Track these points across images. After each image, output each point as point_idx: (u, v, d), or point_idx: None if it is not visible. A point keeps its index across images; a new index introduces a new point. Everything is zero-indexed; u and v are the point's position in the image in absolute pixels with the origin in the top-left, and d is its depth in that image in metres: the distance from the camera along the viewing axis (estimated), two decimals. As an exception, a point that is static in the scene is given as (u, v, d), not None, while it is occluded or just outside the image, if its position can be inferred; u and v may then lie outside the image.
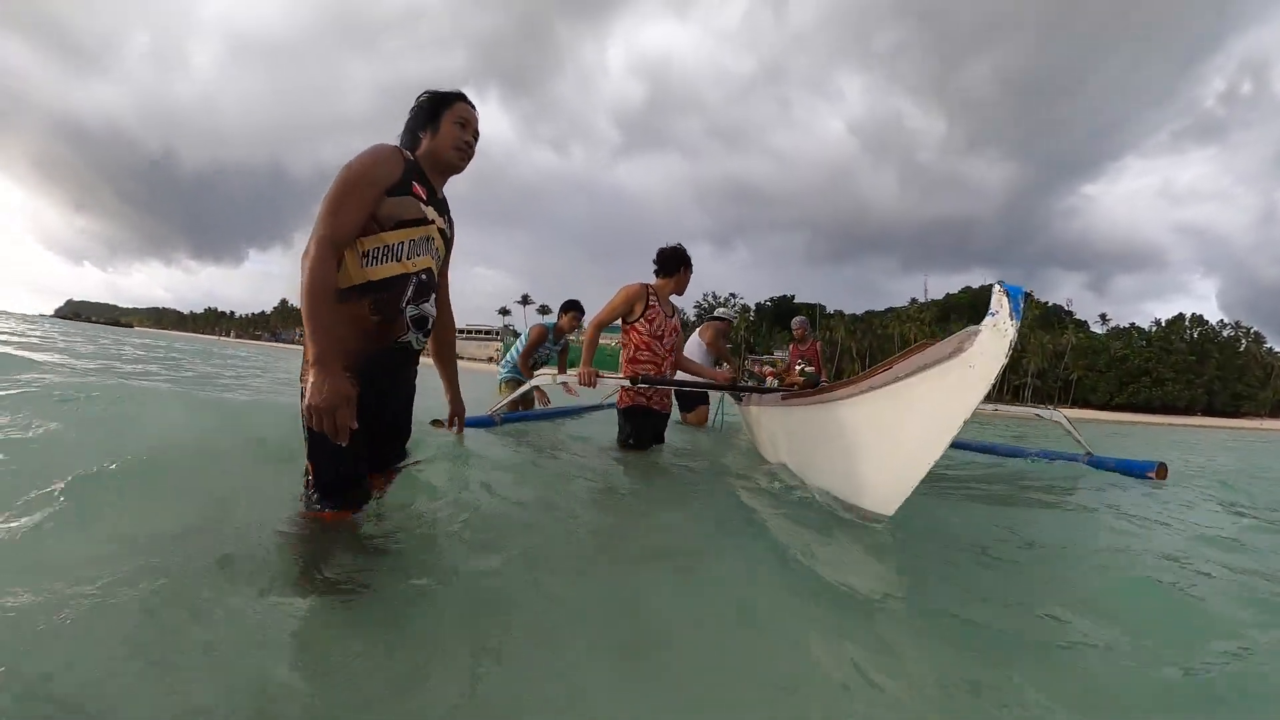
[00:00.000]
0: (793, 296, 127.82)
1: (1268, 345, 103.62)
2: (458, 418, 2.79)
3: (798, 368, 8.77)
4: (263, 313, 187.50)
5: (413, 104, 2.20)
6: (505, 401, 5.26)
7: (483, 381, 6.13)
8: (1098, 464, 4.90)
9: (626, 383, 4.36)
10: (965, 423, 2.06)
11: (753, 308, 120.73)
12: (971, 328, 2.05)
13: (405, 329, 2.04)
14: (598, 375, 4.33)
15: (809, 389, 3.85)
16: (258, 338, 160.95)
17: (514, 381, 6.67)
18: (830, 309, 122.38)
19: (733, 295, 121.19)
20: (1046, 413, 5.37)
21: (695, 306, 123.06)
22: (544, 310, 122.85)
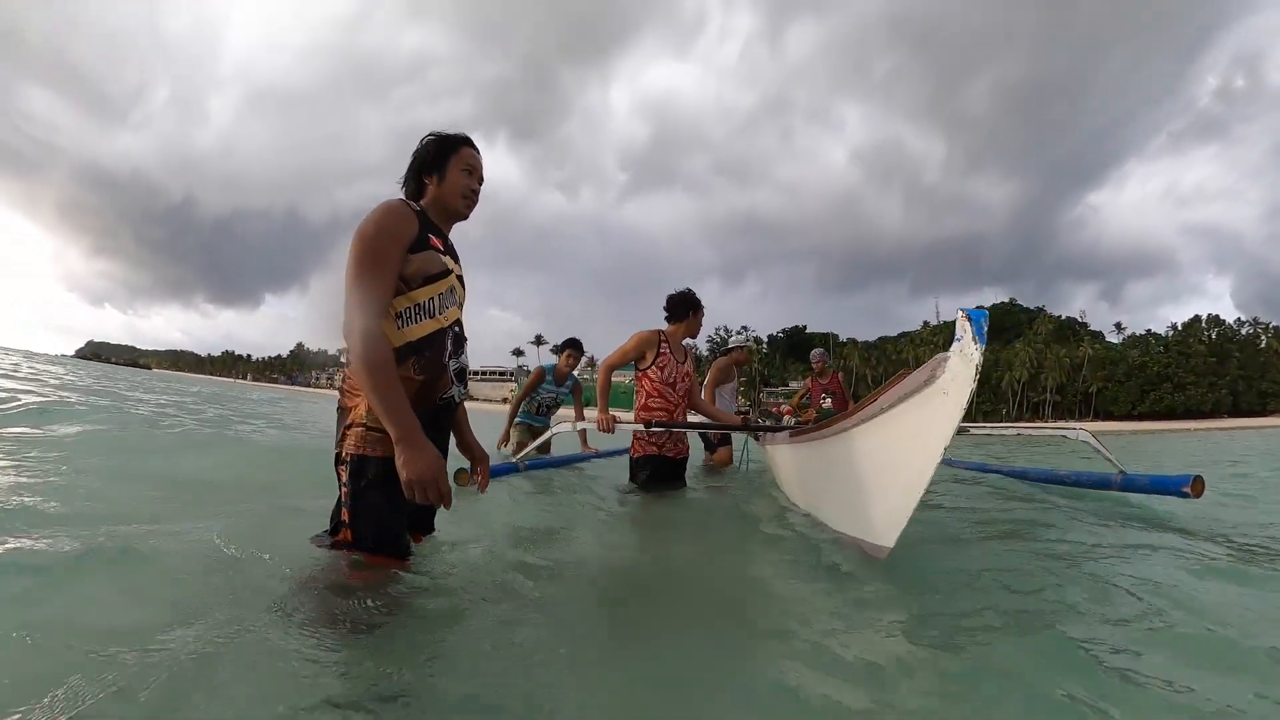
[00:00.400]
0: (804, 327, 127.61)
1: None
2: (481, 466, 2.41)
3: (823, 403, 8.71)
4: (278, 356, 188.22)
5: (417, 145, 2.16)
6: (531, 448, 5.40)
7: (500, 423, 6.14)
8: (1129, 484, 4.49)
9: (641, 428, 4.29)
10: (947, 449, 2.11)
11: (765, 340, 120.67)
12: (941, 355, 2.12)
13: (450, 384, 2.06)
14: (615, 421, 4.30)
15: (813, 424, 3.93)
16: (274, 381, 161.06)
17: (523, 426, 6.60)
18: (843, 337, 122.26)
19: (744, 328, 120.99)
20: (1073, 432, 5.04)
21: (708, 341, 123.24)
22: (558, 351, 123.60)
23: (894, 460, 2.37)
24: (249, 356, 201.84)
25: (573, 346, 6.67)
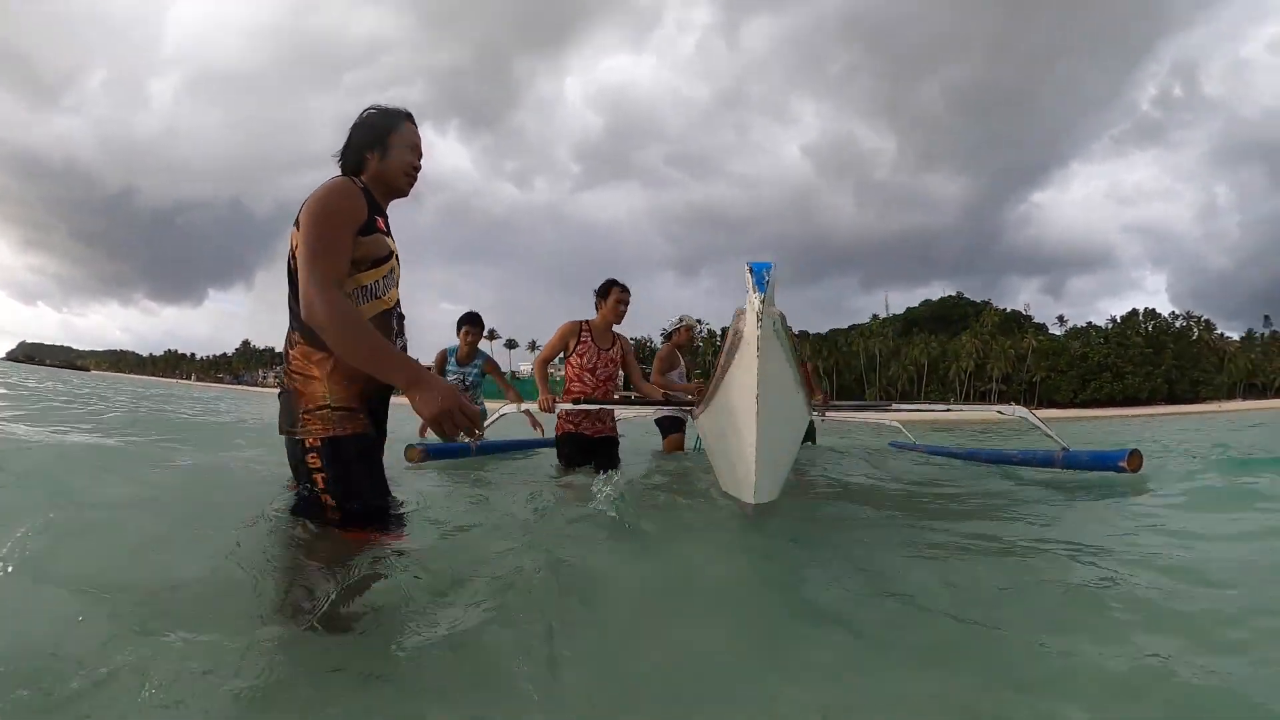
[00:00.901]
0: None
1: (1219, 331, 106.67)
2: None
3: None
4: (224, 354, 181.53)
5: (357, 118, 2.08)
6: (485, 424, 5.48)
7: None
8: (1071, 460, 4.70)
9: (571, 405, 4.71)
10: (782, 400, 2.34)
11: (719, 333, 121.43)
12: (739, 308, 2.30)
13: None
14: (555, 401, 4.74)
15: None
16: (220, 380, 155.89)
17: None
18: (796, 330, 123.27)
19: (700, 321, 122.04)
20: (1008, 409, 5.11)
21: (661, 333, 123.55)
22: (512, 344, 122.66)
23: (735, 418, 2.56)
24: (193, 355, 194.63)
25: (470, 322, 6.13)
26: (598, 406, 4.84)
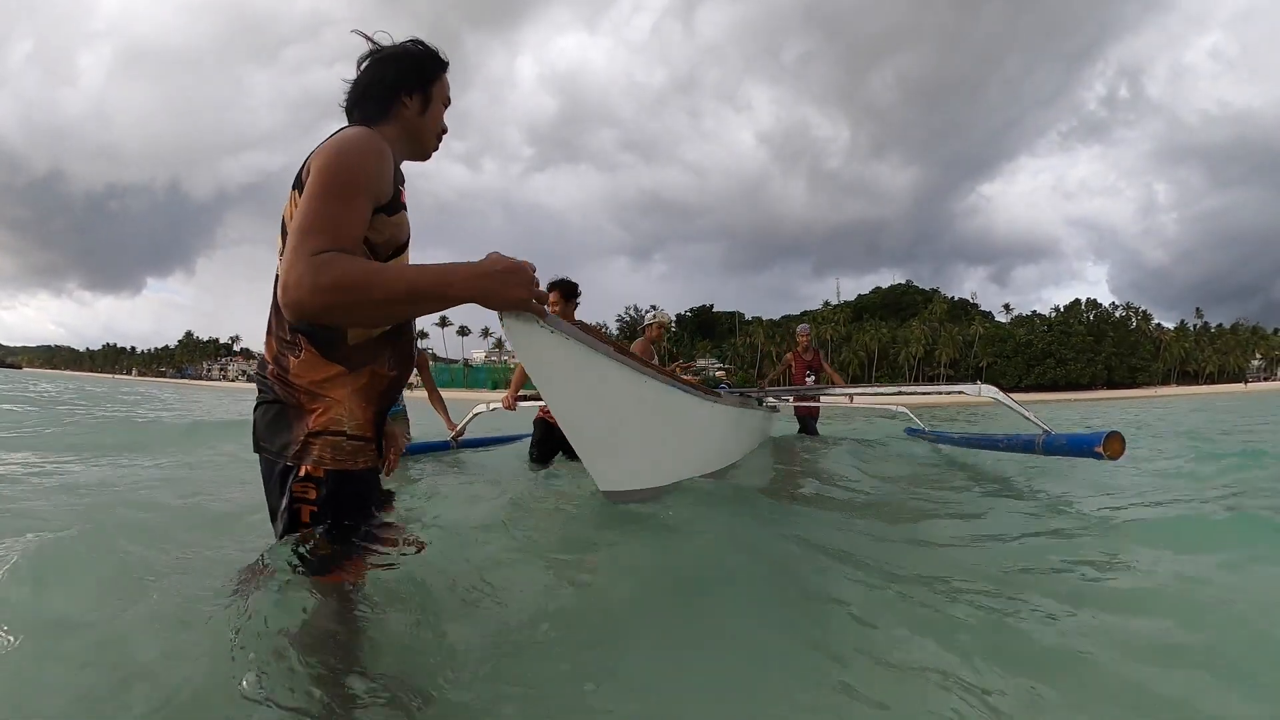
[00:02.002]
0: (712, 306, 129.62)
1: (1155, 322, 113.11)
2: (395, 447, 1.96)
3: (807, 381, 8.39)
4: (166, 347, 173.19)
5: (386, 49, 1.63)
6: (462, 425, 6.02)
7: (412, 407, 5.97)
8: (1050, 445, 4.32)
9: (541, 402, 4.84)
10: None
11: (673, 318, 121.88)
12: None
13: (411, 371, 1.73)
14: (516, 400, 5.29)
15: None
16: (162, 374, 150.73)
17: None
18: (749, 315, 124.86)
19: (654, 307, 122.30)
20: (972, 388, 4.56)
21: (617, 320, 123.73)
22: (463, 331, 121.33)
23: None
24: (133, 349, 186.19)
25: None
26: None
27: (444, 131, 1.74)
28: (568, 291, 5.08)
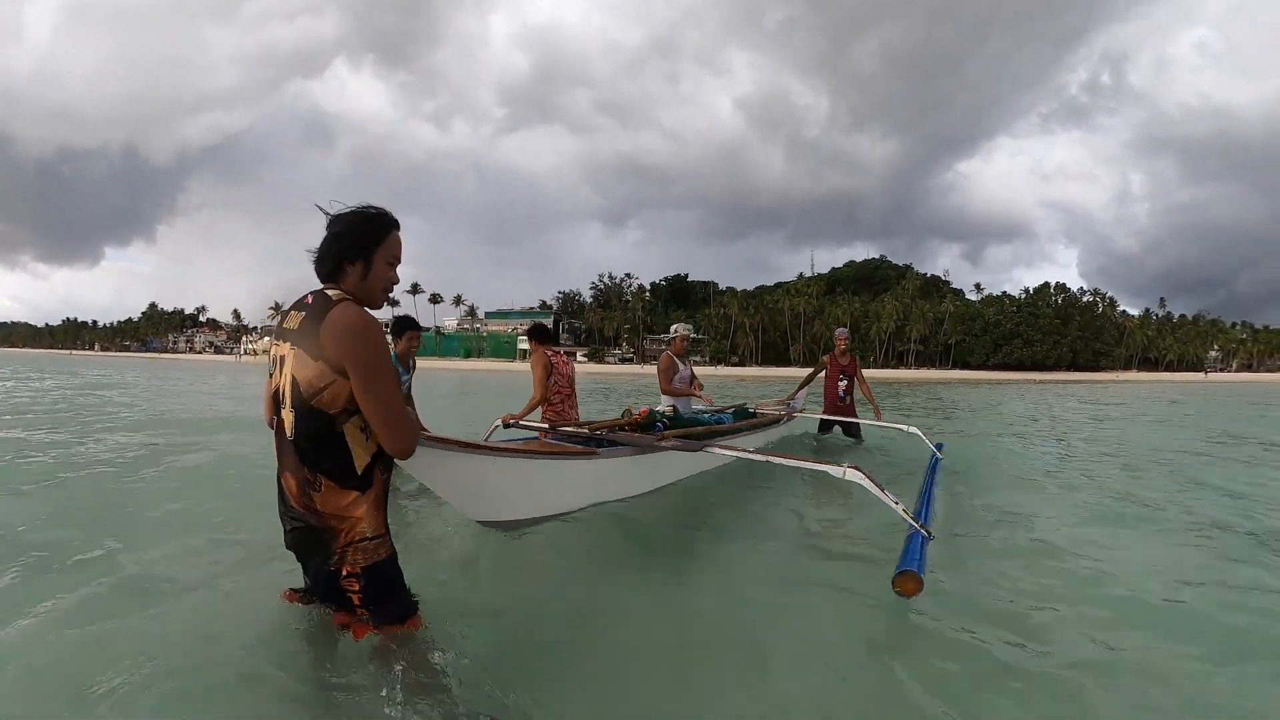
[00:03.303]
0: (687, 275, 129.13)
1: (1121, 309, 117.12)
2: None
3: (840, 385, 8.12)
4: (129, 320, 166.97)
5: (340, 218, 1.98)
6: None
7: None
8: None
9: (534, 431, 5.08)
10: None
11: (648, 288, 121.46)
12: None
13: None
14: (516, 422, 5.30)
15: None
16: (126, 348, 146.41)
17: None
18: (723, 285, 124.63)
19: (628, 276, 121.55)
20: (837, 470, 3.70)
21: (591, 288, 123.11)
22: (436, 299, 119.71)
23: None
24: (95, 323, 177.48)
25: (410, 327, 5.31)
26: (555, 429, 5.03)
27: (393, 284, 2.07)
28: (539, 335, 5.64)
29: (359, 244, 1.96)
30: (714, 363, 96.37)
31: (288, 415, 1.89)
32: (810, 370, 8.82)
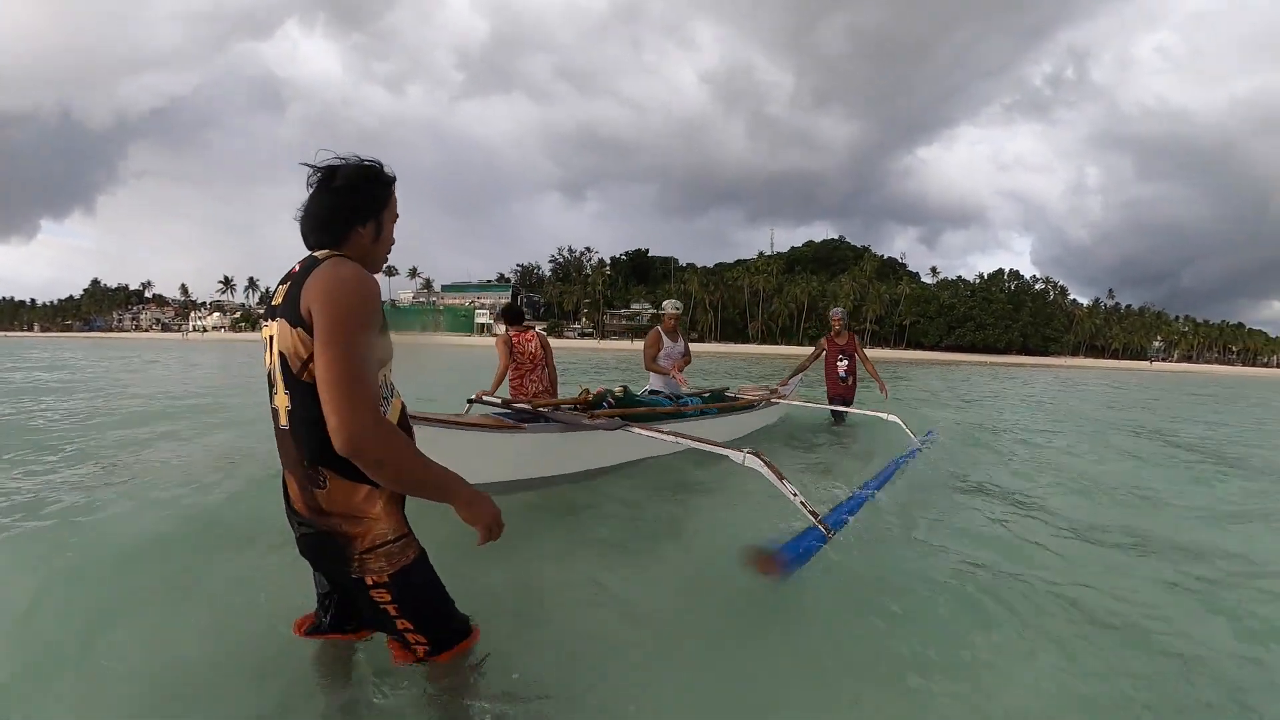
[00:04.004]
0: (647, 250, 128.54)
1: (1072, 297, 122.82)
2: None
3: (839, 364, 7.81)
4: (71, 297, 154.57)
5: (345, 174, 1.65)
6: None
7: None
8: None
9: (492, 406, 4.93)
10: None
11: (608, 262, 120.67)
12: None
13: None
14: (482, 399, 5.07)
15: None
16: (68, 328, 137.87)
17: None
18: (683, 261, 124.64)
19: (588, 249, 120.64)
20: (738, 455, 3.60)
21: (550, 261, 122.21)
22: (391, 271, 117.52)
23: None
24: (33, 302, 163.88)
25: None
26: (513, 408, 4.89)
27: (391, 245, 1.80)
28: (504, 315, 6.10)
29: (371, 203, 1.69)
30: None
31: (281, 400, 1.60)
32: (810, 352, 8.37)
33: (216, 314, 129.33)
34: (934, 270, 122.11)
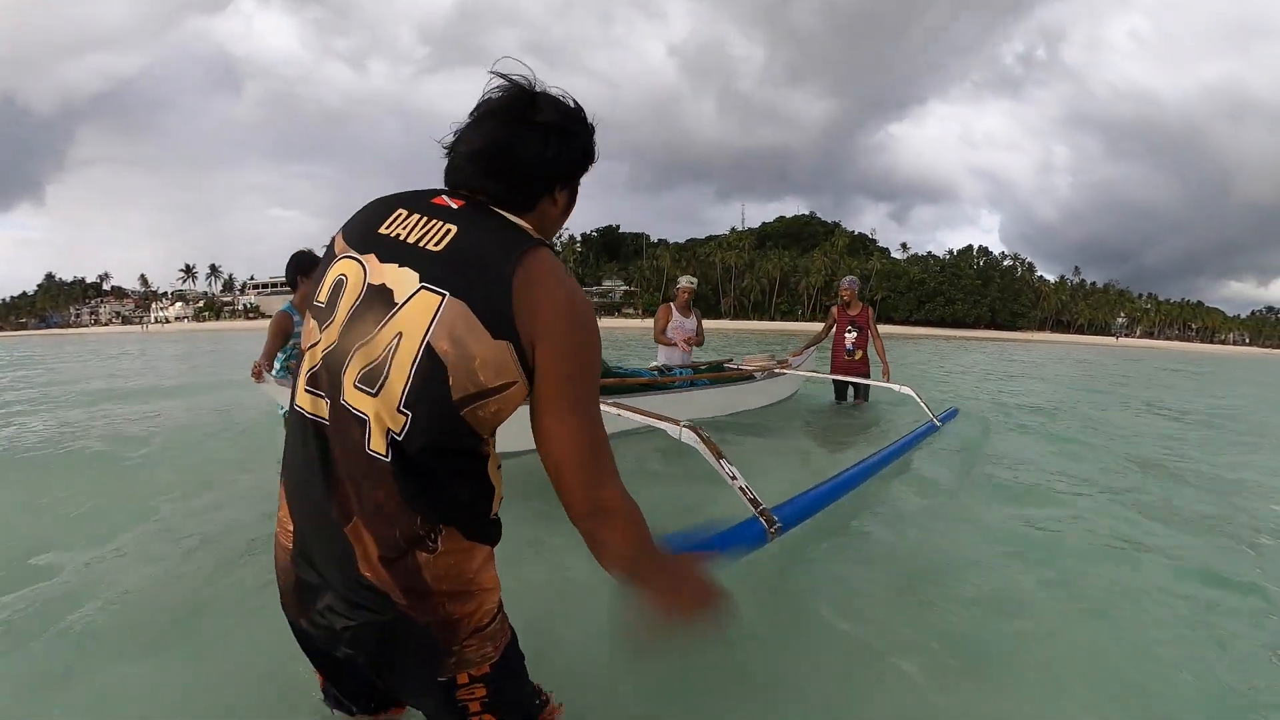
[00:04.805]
0: (618, 226, 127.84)
1: (1039, 274, 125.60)
2: None
3: (848, 336, 7.15)
4: (24, 293, 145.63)
5: (560, 107, 1.11)
6: None
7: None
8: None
9: None
10: None
11: (579, 239, 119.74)
12: None
13: None
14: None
15: None
16: (22, 325, 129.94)
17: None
18: (654, 237, 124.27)
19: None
20: (673, 428, 3.85)
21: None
22: (292, 278, 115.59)
23: None
24: None
25: (316, 261, 4.01)
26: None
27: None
28: None
29: (582, 159, 1.16)
30: (645, 315, 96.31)
31: (386, 412, 0.96)
32: (824, 326, 7.57)
33: (179, 304, 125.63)
34: (904, 246, 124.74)
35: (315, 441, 1.02)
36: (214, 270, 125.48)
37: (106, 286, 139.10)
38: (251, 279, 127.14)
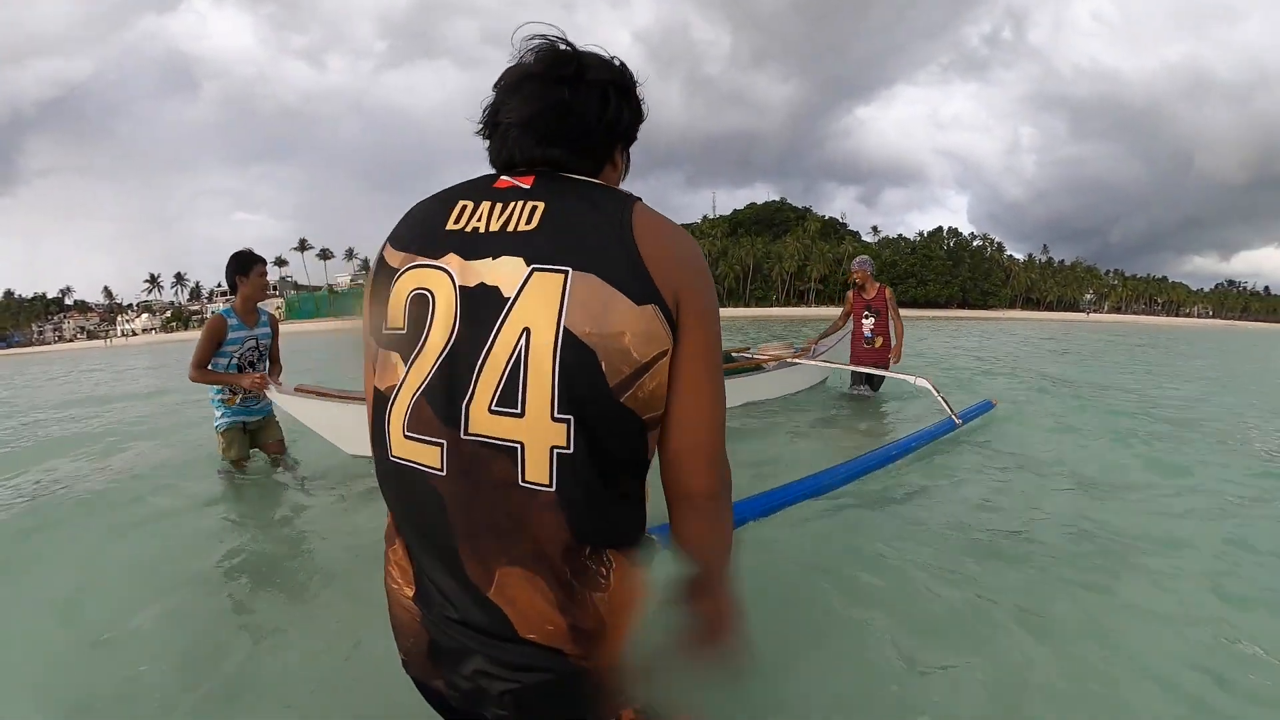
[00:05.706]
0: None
1: (1008, 253, 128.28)
2: None
3: (866, 322, 6.53)
4: None
5: (609, 68, 0.99)
6: None
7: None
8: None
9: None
10: None
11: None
12: None
13: None
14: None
15: None
16: None
17: (237, 430, 4.06)
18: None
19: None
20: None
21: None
22: (326, 255, 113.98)
23: None
24: None
25: (256, 261, 3.95)
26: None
27: None
28: None
29: (635, 118, 1.04)
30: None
31: (533, 428, 0.79)
32: (843, 312, 6.98)
33: (145, 315, 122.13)
34: (875, 229, 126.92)
35: (433, 497, 0.84)
36: (179, 279, 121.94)
37: (69, 301, 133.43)
38: (219, 286, 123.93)
